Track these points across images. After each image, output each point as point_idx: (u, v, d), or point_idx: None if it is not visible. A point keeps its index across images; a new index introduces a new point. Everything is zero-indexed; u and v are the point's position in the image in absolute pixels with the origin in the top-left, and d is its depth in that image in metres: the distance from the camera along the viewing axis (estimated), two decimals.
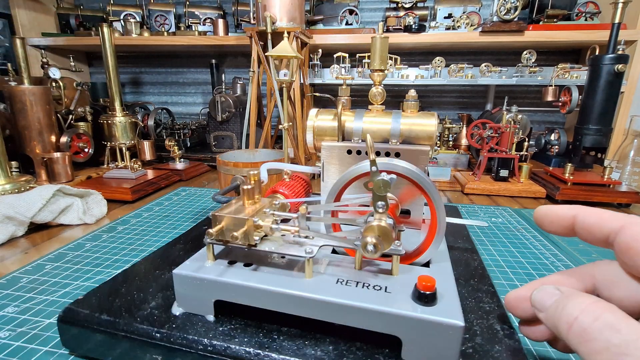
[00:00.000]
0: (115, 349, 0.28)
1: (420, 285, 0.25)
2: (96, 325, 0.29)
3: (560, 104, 0.99)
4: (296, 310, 0.26)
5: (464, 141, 1.16)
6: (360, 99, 1.31)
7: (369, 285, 0.27)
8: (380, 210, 0.27)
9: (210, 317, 0.29)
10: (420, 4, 1.19)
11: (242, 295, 0.28)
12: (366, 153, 0.38)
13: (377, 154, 0.39)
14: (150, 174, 0.86)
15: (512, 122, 0.80)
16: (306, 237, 0.30)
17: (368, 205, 0.29)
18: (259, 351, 0.25)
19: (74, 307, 0.31)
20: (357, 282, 0.27)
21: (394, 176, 0.28)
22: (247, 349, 0.25)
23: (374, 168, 0.26)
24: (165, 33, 1.24)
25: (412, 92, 0.39)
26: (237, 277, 0.28)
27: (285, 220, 0.32)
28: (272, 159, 0.46)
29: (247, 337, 0.27)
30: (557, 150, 0.99)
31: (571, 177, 0.79)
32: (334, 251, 0.33)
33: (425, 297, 0.24)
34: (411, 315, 0.23)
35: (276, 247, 0.29)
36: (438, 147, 0.34)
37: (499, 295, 0.31)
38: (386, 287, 0.26)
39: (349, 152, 0.38)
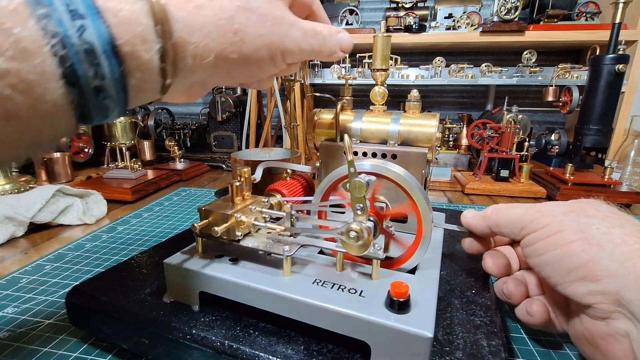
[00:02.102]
0: (110, 328, 0.30)
1: (392, 292, 0.24)
2: (96, 305, 0.31)
3: (560, 104, 0.99)
4: (269, 306, 0.27)
5: (464, 141, 1.16)
6: (361, 99, 1.31)
7: (345, 287, 0.26)
8: (359, 212, 0.27)
9: (195, 307, 0.30)
10: (420, 4, 1.19)
11: (221, 288, 0.28)
12: (345, 153, 0.38)
13: (374, 155, 0.39)
14: (150, 174, 0.86)
15: (512, 122, 0.80)
16: (291, 235, 0.30)
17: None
18: (232, 344, 0.26)
19: (80, 287, 0.33)
20: (334, 284, 0.27)
21: (372, 178, 0.28)
22: (222, 341, 0.26)
23: (351, 169, 0.26)
24: None
25: (415, 93, 0.39)
26: (217, 270, 0.29)
27: (277, 219, 0.33)
28: (287, 158, 0.46)
29: (225, 329, 0.27)
30: (557, 150, 0.99)
31: (571, 178, 0.79)
32: (321, 252, 0.33)
33: (396, 304, 0.24)
34: (379, 321, 0.23)
35: (259, 244, 0.29)
36: (439, 147, 0.34)
37: (494, 309, 0.30)
38: (362, 292, 0.26)
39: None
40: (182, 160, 0.99)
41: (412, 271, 0.31)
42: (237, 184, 0.31)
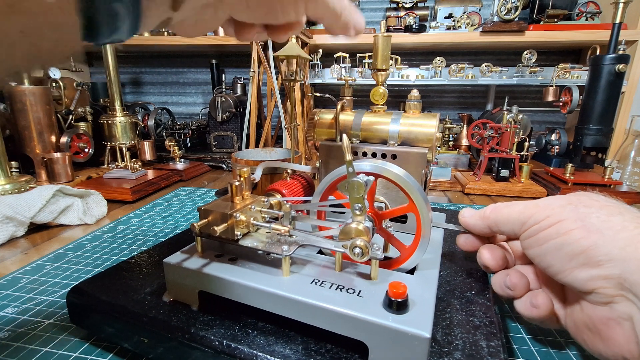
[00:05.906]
0: (111, 327, 0.31)
1: (390, 292, 0.24)
2: (96, 304, 0.31)
3: (560, 104, 0.99)
4: (268, 306, 0.27)
5: (464, 141, 1.16)
6: (361, 99, 1.31)
7: (343, 287, 0.26)
8: (357, 212, 0.26)
9: (195, 307, 0.30)
10: (420, 4, 1.19)
11: (220, 287, 0.28)
12: (349, 153, 0.37)
13: (374, 155, 0.39)
14: (150, 174, 0.86)
15: (512, 122, 0.80)
16: (290, 235, 0.30)
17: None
18: (231, 343, 0.26)
19: (81, 286, 0.33)
20: (333, 284, 0.27)
21: (371, 178, 0.27)
22: (221, 340, 0.26)
23: (350, 169, 0.26)
24: (165, 33, 1.24)
25: (415, 93, 0.39)
26: (217, 269, 0.29)
27: (275, 219, 0.33)
28: (287, 158, 0.46)
29: (224, 329, 0.27)
30: (557, 150, 0.99)
31: (572, 178, 0.79)
32: (320, 252, 0.33)
33: (394, 304, 0.24)
34: (376, 321, 0.23)
35: (258, 243, 0.29)
36: (439, 147, 0.34)
37: (494, 310, 0.30)
38: (360, 291, 0.26)
39: None
40: (182, 160, 0.99)
41: (412, 271, 0.31)
42: (237, 183, 0.32)
